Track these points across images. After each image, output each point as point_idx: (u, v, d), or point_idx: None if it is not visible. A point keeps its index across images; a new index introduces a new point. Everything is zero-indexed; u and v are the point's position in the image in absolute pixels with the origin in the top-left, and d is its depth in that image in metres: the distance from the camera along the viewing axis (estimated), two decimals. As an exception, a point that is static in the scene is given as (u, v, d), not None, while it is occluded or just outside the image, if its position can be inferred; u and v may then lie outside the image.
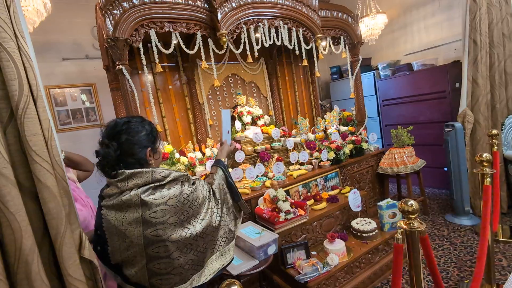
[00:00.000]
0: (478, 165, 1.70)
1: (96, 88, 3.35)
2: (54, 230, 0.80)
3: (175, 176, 1.02)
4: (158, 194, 0.94)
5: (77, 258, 0.85)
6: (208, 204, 1.11)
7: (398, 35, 4.28)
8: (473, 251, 2.34)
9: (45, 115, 0.81)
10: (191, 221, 1.02)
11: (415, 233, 1.09)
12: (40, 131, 0.79)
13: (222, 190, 1.21)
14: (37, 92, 0.79)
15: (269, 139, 2.81)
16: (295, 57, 3.52)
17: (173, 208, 0.96)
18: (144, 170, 0.96)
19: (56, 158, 0.82)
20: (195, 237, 1.01)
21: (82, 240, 0.88)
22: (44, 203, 0.79)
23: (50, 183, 0.79)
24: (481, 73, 2.77)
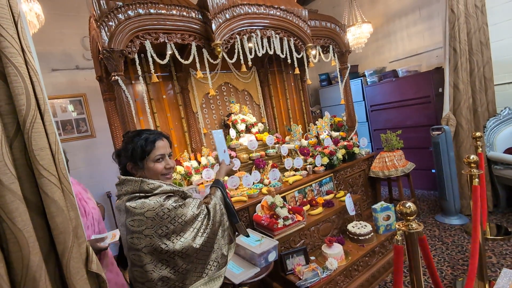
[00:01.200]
0: (466, 166, 1.79)
1: (87, 98, 3.30)
2: (61, 245, 0.79)
3: (164, 190, 1.04)
4: (139, 203, 1.00)
5: (84, 273, 0.84)
6: (196, 224, 1.06)
7: (382, 43, 4.46)
8: (464, 250, 2.42)
9: (52, 129, 0.80)
10: (171, 237, 1.00)
11: (414, 234, 1.14)
12: (47, 145, 0.78)
13: (219, 210, 1.17)
14: (44, 106, 0.79)
15: (264, 146, 2.84)
16: (285, 65, 3.60)
17: (149, 220, 0.98)
18: (134, 179, 1.04)
19: (63, 172, 0.82)
20: (171, 255, 0.99)
21: (89, 254, 0.86)
22: (52, 218, 0.78)
23: (57, 197, 0.79)
24: (461, 79, 2.93)
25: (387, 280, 2.17)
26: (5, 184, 0.69)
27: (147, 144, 1.06)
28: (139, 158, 1.06)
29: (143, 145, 1.06)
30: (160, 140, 1.10)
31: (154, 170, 1.08)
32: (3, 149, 0.70)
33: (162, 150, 1.10)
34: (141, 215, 0.97)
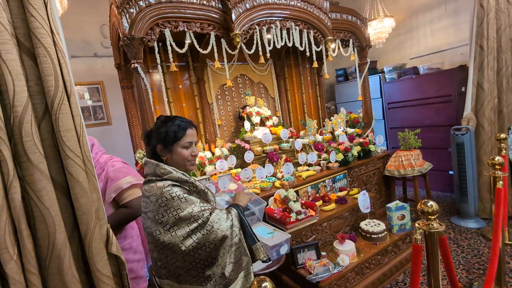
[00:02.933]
0: (490, 168, 1.72)
1: (104, 86, 3.36)
2: (84, 226, 0.81)
3: (172, 177, 1.06)
4: (148, 186, 1.06)
5: (105, 254, 0.86)
6: (192, 225, 0.99)
7: (404, 39, 4.30)
8: (480, 254, 2.35)
9: (77, 111, 0.81)
10: (164, 226, 0.99)
11: (434, 234, 1.10)
12: (73, 127, 0.79)
13: (226, 220, 1.07)
14: (71, 89, 0.80)
15: (278, 140, 2.82)
16: (302, 59, 3.54)
17: (152, 204, 1.03)
18: (152, 162, 1.09)
19: (87, 154, 0.83)
20: (161, 244, 1.00)
21: (110, 236, 0.88)
22: (76, 199, 0.79)
23: (82, 178, 0.80)
24: (487, 78, 2.79)
25: (399, 279, 2.13)
26: (34, 163, 0.71)
27: (179, 130, 1.11)
28: (170, 142, 1.10)
29: (176, 131, 1.10)
30: (190, 129, 1.15)
31: (181, 155, 1.12)
32: (32, 129, 0.71)
33: (191, 138, 1.15)
34: (147, 198, 1.05)
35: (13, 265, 0.68)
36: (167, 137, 1.10)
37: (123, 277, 0.91)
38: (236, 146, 2.68)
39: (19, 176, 0.72)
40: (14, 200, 0.69)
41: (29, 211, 0.74)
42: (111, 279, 0.84)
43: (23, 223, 0.70)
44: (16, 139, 0.71)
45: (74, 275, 0.77)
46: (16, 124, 0.69)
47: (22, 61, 0.72)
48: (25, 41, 0.72)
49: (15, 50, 0.70)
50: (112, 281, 0.84)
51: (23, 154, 0.70)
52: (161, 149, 1.12)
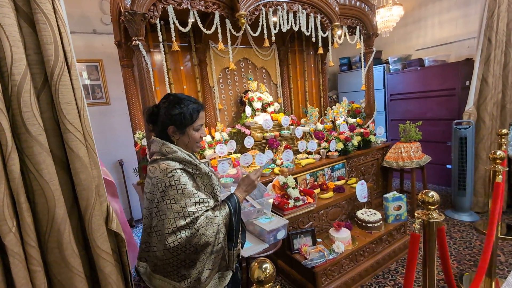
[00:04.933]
0: (487, 162, 1.72)
1: (103, 64, 3.27)
2: (84, 202, 0.80)
3: (177, 157, 1.03)
4: (153, 167, 1.04)
5: (104, 230, 0.85)
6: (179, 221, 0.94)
7: (411, 29, 4.21)
8: (472, 246, 2.40)
9: (78, 84, 0.78)
10: (158, 212, 0.98)
11: (433, 224, 1.11)
12: (74, 100, 0.77)
13: (213, 225, 1.00)
14: (71, 60, 0.76)
15: (278, 126, 2.79)
16: (307, 45, 3.46)
17: (152, 186, 1.02)
18: (158, 140, 1.07)
19: (87, 129, 0.81)
20: (152, 228, 1.00)
21: (110, 213, 0.87)
22: (76, 174, 0.78)
23: (82, 153, 0.78)
24: (492, 72, 2.76)
25: (391, 268, 2.18)
26: (33, 135, 0.69)
27: (194, 112, 1.09)
28: (185, 125, 1.08)
29: (192, 113, 1.08)
30: (203, 111, 1.14)
31: (193, 138, 1.11)
32: (31, 99, 0.69)
33: (202, 121, 1.14)
34: (150, 178, 1.03)
35: (12, 238, 0.67)
36: (183, 119, 1.06)
37: (123, 253, 0.91)
38: (236, 131, 2.66)
39: (17, 148, 0.70)
40: (12, 172, 0.67)
41: (28, 184, 0.72)
42: (110, 255, 0.83)
43: (22, 196, 0.69)
44: (14, 109, 0.68)
45: (73, 249, 0.77)
46: (14, 93, 0.66)
47: (20, 27, 0.68)
48: (23, 6, 0.68)
49: (13, 15, 0.66)
50: (111, 257, 0.84)
51: (22, 126, 0.68)
52: (173, 131, 1.09)
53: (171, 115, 1.06)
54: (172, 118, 1.06)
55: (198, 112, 1.10)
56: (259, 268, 0.71)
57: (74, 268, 0.76)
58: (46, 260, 0.75)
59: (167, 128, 1.08)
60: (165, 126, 1.08)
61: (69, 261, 0.75)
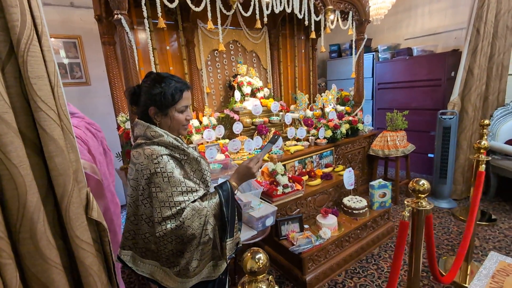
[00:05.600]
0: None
1: (82, 41, 3.05)
2: (60, 188, 0.73)
3: (163, 141, 0.96)
4: (137, 152, 0.97)
5: (84, 220, 0.79)
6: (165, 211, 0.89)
7: (401, 18, 4.19)
8: (449, 231, 2.51)
9: (51, 56, 0.69)
10: (144, 199, 0.95)
11: (422, 212, 1.12)
12: (45, 74, 0.68)
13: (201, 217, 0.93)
14: (42, 28, 0.67)
15: (268, 112, 2.74)
16: (298, 30, 3.37)
17: (135, 172, 0.97)
18: (142, 123, 1.00)
19: (63, 108, 0.72)
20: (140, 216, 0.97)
21: (90, 200, 0.81)
22: (50, 158, 0.70)
23: (57, 135, 0.70)
24: (478, 63, 2.80)
25: (374, 252, 2.25)
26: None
27: (176, 92, 0.99)
28: (166, 106, 0.99)
29: (173, 93, 0.99)
30: (187, 91, 1.04)
31: (177, 120, 1.03)
32: (-7, 71, 0.60)
33: (187, 101, 1.04)
34: (134, 164, 0.98)
35: (-24, 228, 0.60)
36: (164, 100, 0.98)
37: (105, 243, 0.85)
38: (225, 116, 2.59)
39: (-21, 127, 0.61)
40: (-26, 154, 0.59)
41: (-6, 169, 0.64)
42: (91, 245, 0.78)
43: (-14, 182, 0.61)
44: (-27, 82, 0.59)
45: (49, 240, 0.70)
46: (-28, 63, 0.57)
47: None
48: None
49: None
50: (92, 248, 0.78)
51: (-17, 102, 0.59)
52: (155, 112, 1.00)
53: (152, 94, 0.98)
54: (152, 98, 0.98)
55: (181, 91, 1.00)
56: (252, 258, 0.68)
57: (50, 260, 0.70)
58: (19, 252, 0.69)
59: (148, 109, 1.00)
60: (146, 107, 1.00)
61: (44, 253, 0.68)
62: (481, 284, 1.44)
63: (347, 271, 2.04)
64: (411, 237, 1.18)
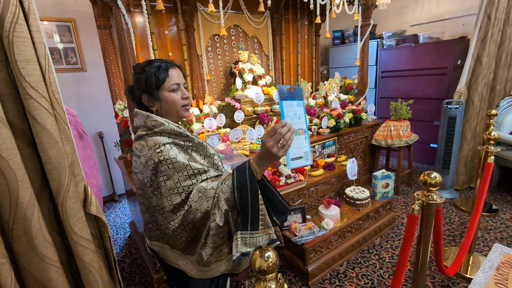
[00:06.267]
0: (484, 142, 1.72)
1: (76, 25, 2.92)
2: (56, 182, 0.68)
3: (165, 129, 0.92)
4: (139, 146, 0.92)
5: (82, 215, 0.75)
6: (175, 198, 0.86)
7: (407, 3, 4.05)
8: (451, 222, 2.51)
9: (40, 38, 0.62)
10: (154, 191, 0.90)
11: (433, 205, 1.09)
12: (35, 58, 0.61)
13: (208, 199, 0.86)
14: (29, 5, 0.60)
15: (270, 100, 2.67)
16: (301, 14, 3.25)
17: (141, 166, 0.91)
18: (142, 113, 0.96)
19: (56, 95, 0.66)
20: (152, 207, 0.92)
21: (88, 195, 0.76)
22: (43, 150, 0.65)
23: (49, 125, 0.64)
24: (487, 51, 2.72)
25: (376, 243, 2.25)
26: (-18, 100, 0.54)
27: (160, 72, 0.94)
28: (154, 88, 0.95)
29: (157, 73, 0.94)
30: (173, 69, 0.98)
31: (172, 101, 0.97)
32: (-25, 54, 0.53)
33: (176, 79, 0.98)
34: (138, 157, 0.92)
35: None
36: (149, 82, 0.94)
37: (105, 239, 0.81)
38: (226, 104, 2.52)
39: (-37, 117, 0.55)
40: (-42, 147, 0.53)
41: (-18, 161, 0.59)
42: (90, 242, 0.74)
43: (-26, 176, 0.56)
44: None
45: (45, 237, 0.66)
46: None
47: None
48: None
49: None
50: (91, 244, 0.74)
51: (-34, 88, 0.53)
52: (147, 99, 0.97)
53: (139, 83, 0.96)
54: (141, 87, 0.96)
55: (166, 70, 0.95)
56: (261, 257, 0.64)
57: (47, 258, 0.66)
58: (14, 250, 0.64)
59: (142, 99, 0.98)
60: (139, 97, 0.98)
61: (40, 251, 0.64)
62: (485, 276, 1.43)
63: (349, 261, 2.04)
64: (419, 230, 1.15)
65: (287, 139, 0.77)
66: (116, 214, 3.11)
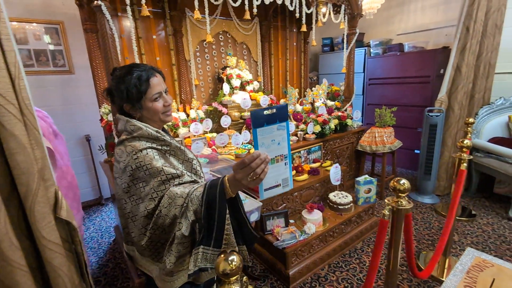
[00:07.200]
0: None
1: (65, 27, 2.92)
2: (23, 187, 0.69)
3: (142, 134, 0.94)
4: (120, 149, 0.94)
5: (52, 219, 0.76)
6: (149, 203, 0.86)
7: (394, 13, 4.17)
8: (431, 226, 2.57)
9: (10, 45, 0.64)
10: (131, 197, 0.91)
11: (402, 211, 1.13)
12: (4, 66, 0.63)
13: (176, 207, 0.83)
14: None
15: (257, 106, 2.71)
16: (290, 22, 3.31)
17: (120, 171, 0.93)
18: (122, 117, 0.99)
19: (25, 102, 0.68)
20: (126, 213, 0.93)
21: (58, 199, 0.77)
22: (11, 155, 0.66)
23: (18, 131, 0.66)
24: (466, 61, 2.82)
25: (358, 247, 2.29)
26: None
27: (141, 83, 0.94)
28: (136, 100, 0.95)
29: (138, 85, 0.94)
30: (154, 77, 0.98)
31: (154, 110, 0.99)
32: None
33: (158, 88, 0.98)
34: (118, 163, 0.94)
35: None
36: (130, 94, 0.94)
37: (76, 243, 0.82)
38: (213, 109, 2.55)
39: None
40: None
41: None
42: (59, 245, 0.75)
43: None
44: None
45: (12, 241, 0.67)
46: None
47: None
48: None
49: None
50: (61, 248, 0.75)
51: None
52: (130, 108, 0.98)
53: (120, 92, 0.95)
54: (122, 96, 0.95)
55: (147, 80, 0.95)
56: (225, 260, 0.66)
57: (14, 262, 0.67)
58: (-21, 253, 0.65)
59: (123, 107, 0.99)
60: (121, 105, 0.99)
61: (7, 255, 0.65)
62: (456, 280, 1.48)
63: (330, 265, 2.08)
64: (390, 235, 1.19)
65: (259, 172, 0.71)
66: (102, 218, 3.08)
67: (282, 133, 0.76)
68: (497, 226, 2.48)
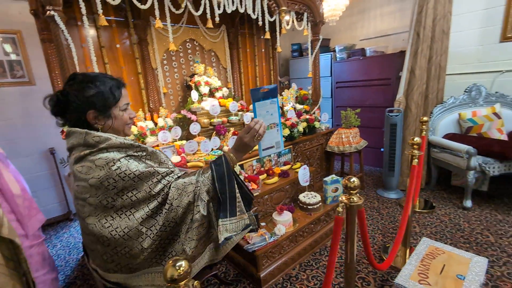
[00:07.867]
0: (409, 147, 1.94)
1: (23, 37, 2.80)
2: (-36, 205, 0.68)
3: (113, 144, 0.87)
4: (85, 167, 0.87)
5: (-3, 237, 0.74)
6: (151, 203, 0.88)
7: (356, 19, 4.42)
8: (395, 220, 2.73)
9: None
10: (118, 211, 0.86)
11: (354, 207, 1.22)
12: None
13: (188, 194, 0.90)
14: None
15: (226, 112, 2.75)
16: (257, 29, 3.41)
17: (93, 188, 0.85)
18: (79, 131, 0.90)
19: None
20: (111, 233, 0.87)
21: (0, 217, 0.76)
22: None
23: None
24: (419, 64, 3.06)
25: (327, 245, 2.38)
26: None
27: (115, 89, 0.94)
28: (108, 106, 0.93)
29: (113, 90, 0.93)
30: (124, 88, 1.00)
31: (121, 119, 0.98)
32: None
33: (127, 99, 1.00)
34: (84, 181, 0.86)
35: None
36: (105, 99, 0.91)
37: (21, 260, 0.80)
38: (182, 117, 2.55)
39: None
40: None
41: None
42: (2, 265, 0.73)
43: None
44: None
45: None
46: None
47: None
48: None
49: None
50: (3, 267, 0.74)
51: None
52: (95, 115, 0.93)
53: (87, 97, 0.90)
54: (89, 101, 0.90)
55: (119, 88, 0.96)
56: (173, 266, 0.69)
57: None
58: None
59: (86, 114, 0.92)
60: (82, 112, 0.91)
61: None
62: (411, 268, 1.60)
63: (301, 264, 2.14)
64: (345, 230, 1.27)
65: (261, 133, 0.96)
66: (70, 233, 2.95)
67: (274, 106, 1.01)
68: (453, 216, 2.69)
